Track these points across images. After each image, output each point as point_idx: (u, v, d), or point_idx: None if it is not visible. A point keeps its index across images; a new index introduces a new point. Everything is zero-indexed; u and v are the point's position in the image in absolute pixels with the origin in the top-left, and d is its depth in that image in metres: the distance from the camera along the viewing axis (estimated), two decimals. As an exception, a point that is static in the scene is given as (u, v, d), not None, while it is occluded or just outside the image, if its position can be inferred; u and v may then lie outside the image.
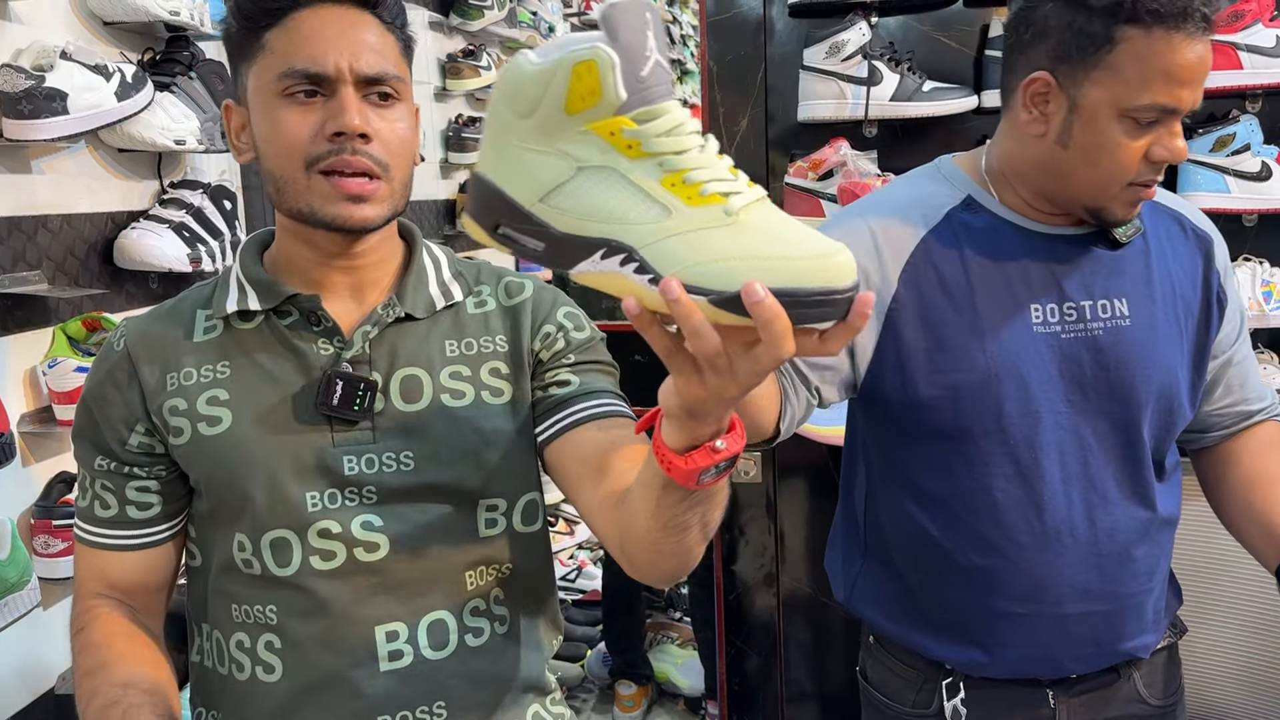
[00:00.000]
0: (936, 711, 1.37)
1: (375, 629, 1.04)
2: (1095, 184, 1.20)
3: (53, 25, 1.83)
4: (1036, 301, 1.25)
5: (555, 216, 0.73)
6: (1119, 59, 1.14)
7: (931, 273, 1.27)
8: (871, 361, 1.29)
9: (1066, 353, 1.25)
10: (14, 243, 1.71)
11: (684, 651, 3.29)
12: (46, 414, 1.76)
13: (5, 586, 1.53)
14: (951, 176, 1.33)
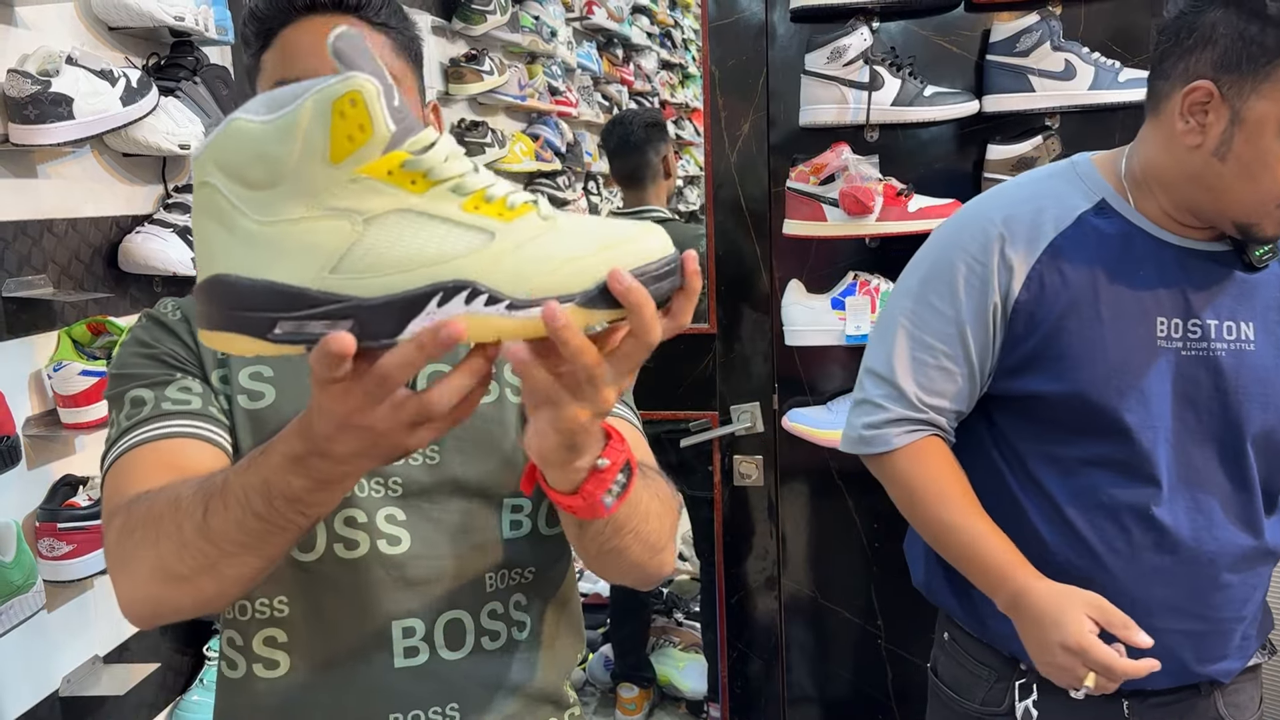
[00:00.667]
0: (1007, 711, 1.36)
1: (392, 624, 1.03)
2: (1252, 200, 1.17)
3: (58, 31, 1.84)
4: (1163, 314, 1.23)
5: (358, 283, 0.63)
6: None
7: (1057, 277, 1.25)
8: (994, 364, 1.29)
9: (1185, 370, 1.23)
10: (20, 247, 1.72)
11: (686, 655, 3.29)
12: (51, 417, 1.77)
13: (10, 589, 1.54)
14: (1087, 178, 1.30)
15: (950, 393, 1.32)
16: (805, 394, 2.27)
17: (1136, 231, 1.26)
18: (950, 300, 1.30)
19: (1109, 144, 1.39)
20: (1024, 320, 1.26)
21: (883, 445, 1.34)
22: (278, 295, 0.63)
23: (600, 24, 5.02)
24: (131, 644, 1.98)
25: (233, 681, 1.07)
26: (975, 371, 1.31)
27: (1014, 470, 1.33)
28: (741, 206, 2.27)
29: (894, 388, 1.34)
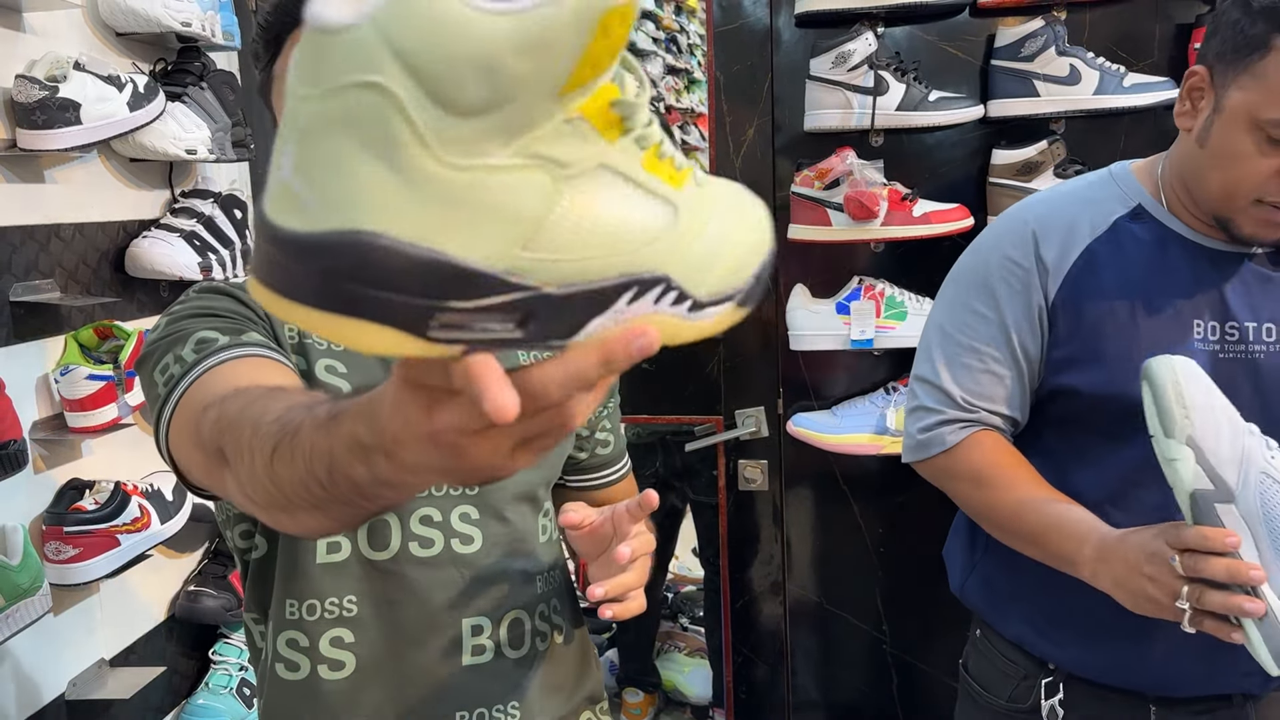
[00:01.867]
0: (1033, 708, 1.35)
1: (463, 622, 1.05)
2: (1222, 191, 1.18)
3: (66, 36, 1.85)
4: (1199, 318, 1.23)
5: (549, 267, 0.44)
6: (1268, 67, 1.11)
7: (1094, 282, 1.25)
8: (1042, 366, 1.29)
9: (1223, 372, 1.20)
10: (27, 251, 1.73)
11: (691, 660, 3.29)
12: (58, 421, 1.77)
13: (17, 592, 1.54)
14: (1124, 183, 1.31)
15: (1000, 396, 1.31)
16: (810, 399, 2.27)
17: (1172, 236, 1.26)
18: (992, 304, 1.31)
19: (1114, 149, 1.39)
20: (1062, 323, 1.27)
21: (939, 446, 1.34)
22: (451, 276, 0.41)
23: None
24: (138, 647, 1.98)
25: (291, 684, 1.05)
26: (1025, 373, 1.31)
27: (1048, 472, 1.31)
28: (746, 211, 2.26)
29: (943, 393, 1.34)
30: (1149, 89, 1.97)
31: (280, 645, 1.05)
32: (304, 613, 1.04)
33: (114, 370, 1.77)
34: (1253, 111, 1.13)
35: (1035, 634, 1.35)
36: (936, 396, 1.35)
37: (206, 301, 0.98)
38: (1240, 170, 1.15)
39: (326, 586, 1.03)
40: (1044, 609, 1.33)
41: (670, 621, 3.47)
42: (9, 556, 1.55)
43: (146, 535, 1.81)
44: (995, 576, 1.39)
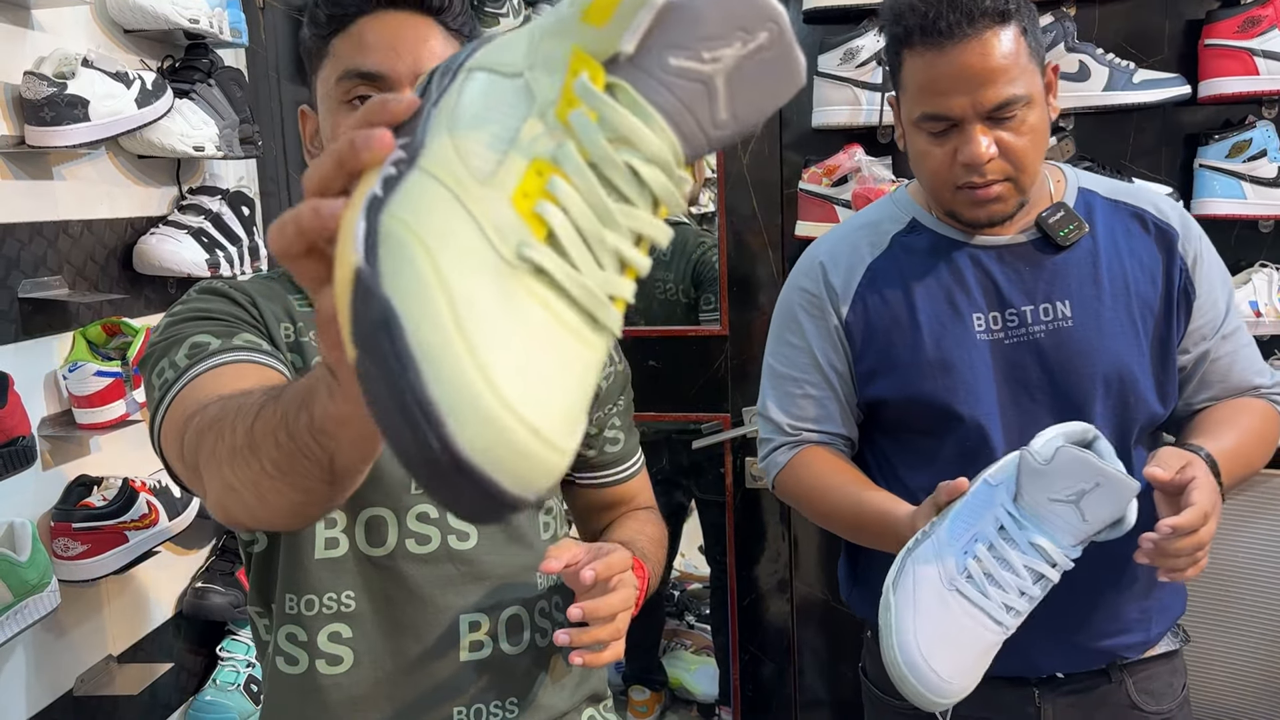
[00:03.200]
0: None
1: (460, 618, 1.05)
2: (931, 189, 1.31)
3: (74, 33, 1.85)
4: (978, 311, 1.31)
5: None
6: (905, 78, 1.26)
7: (876, 297, 1.35)
8: (854, 382, 1.39)
9: (1011, 358, 1.30)
10: (35, 248, 1.73)
11: (698, 658, 3.29)
12: (66, 417, 1.77)
13: (25, 588, 1.54)
14: (899, 202, 1.41)
15: (820, 415, 1.41)
16: (818, 396, 2.26)
17: (944, 241, 1.35)
18: (799, 333, 1.41)
19: (1123, 146, 1.39)
20: (858, 340, 1.36)
21: (775, 469, 1.44)
22: None
23: None
24: (145, 644, 1.99)
25: (291, 678, 1.06)
26: (839, 390, 1.39)
27: (886, 478, 1.39)
28: (753, 208, 2.26)
29: (772, 423, 1.44)
30: (1159, 85, 1.96)
31: (281, 639, 1.06)
32: (303, 607, 1.04)
33: (122, 367, 1.77)
34: (909, 116, 1.27)
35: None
36: (768, 427, 1.45)
37: (203, 303, 1.00)
38: (929, 167, 1.27)
39: (325, 582, 1.03)
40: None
41: (676, 619, 3.47)
42: (17, 553, 1.55)
43: (154, 532, 1.82)
44: (873, 579, 1.42)
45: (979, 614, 1.10)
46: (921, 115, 1.24)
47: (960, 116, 1.21)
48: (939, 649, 1.09)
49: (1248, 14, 1.92)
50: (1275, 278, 1.96)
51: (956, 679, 1.10)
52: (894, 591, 1.13)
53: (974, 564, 1.09)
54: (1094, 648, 1.33)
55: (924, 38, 1.20)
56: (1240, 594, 1.97)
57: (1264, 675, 1.97)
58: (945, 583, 1.11)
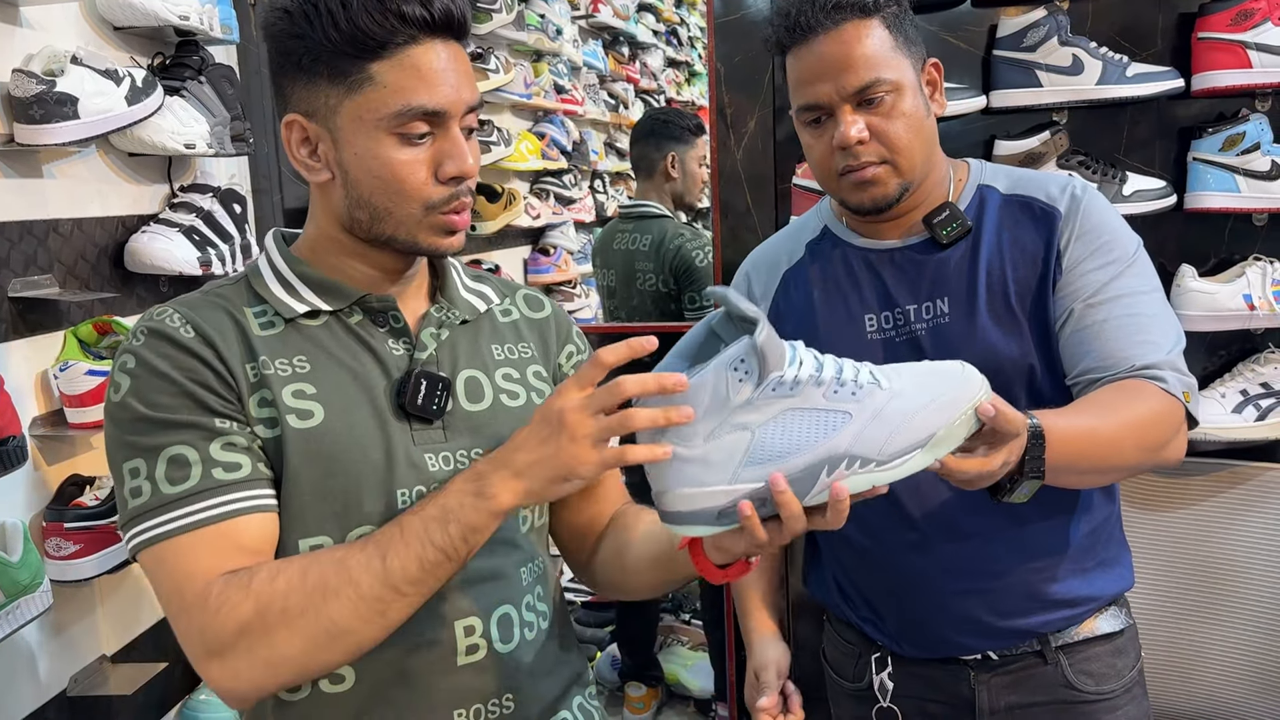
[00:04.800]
0: (868, 684, 1.46)
1: (455, 623, 1.05)
2: (820, 181, 1.37)
3: (63, 30, 1.84)
4: (870, 312, 1.38)
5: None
6: (790, 82, 1.34)
7: (788, 304, 1.44)
8: None
9: (897, 355, 1.34)
10: (25, 247, 1.72)
11: (694, 654, 3.29)
12: (58, 417, 1.77)
13: (17, 589, 1.54)
14: (821, 211, 1.48)
15: None
16: (812, 392, 2.26)
17: (849, 248, 1.42)
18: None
19: (1117, 140, 1.39)
20: None
21: None
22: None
23: (606, 22, 5.02)
24: (139, 643, 1.98)
25: (291, 704, 1.05)
26: None
27: None
28: (747, 204, 2.26)
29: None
30: (1152, 79, 1.96)
31: None
32: None
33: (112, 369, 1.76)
34: (795, 117, 1.34)
35: (853, 612, 1.47)
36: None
37: (164, 366, 0.98)
38: (814, 159, 1.35)
39: None
40: (846, 590, 1.47)
41: (672, 616, 3.47)
42: (9, 553, 1.55)
43: (147, 531, 1.81)
44: (825, 569, 1.52)
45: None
46: (798, 109, 1.33)
47: (828, 103, 1.29)
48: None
49: (1241, 7, 1.92)
50: (1269, 271, 1.96)
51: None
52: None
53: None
54: (1015, 626, 1.36)
55: (792, 35, 1.31)
56: (1234, 588, 1.97)
57: (1258, 668, 1.98)
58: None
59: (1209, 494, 1.49)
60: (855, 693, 1.49)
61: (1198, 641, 1.99)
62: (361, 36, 0.97)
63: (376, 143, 0.99)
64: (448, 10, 1.00)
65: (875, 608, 1.44)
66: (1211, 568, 1.97)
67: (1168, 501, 1.98)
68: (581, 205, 4.35)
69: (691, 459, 0.90)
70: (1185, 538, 1.96)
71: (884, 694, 1.44)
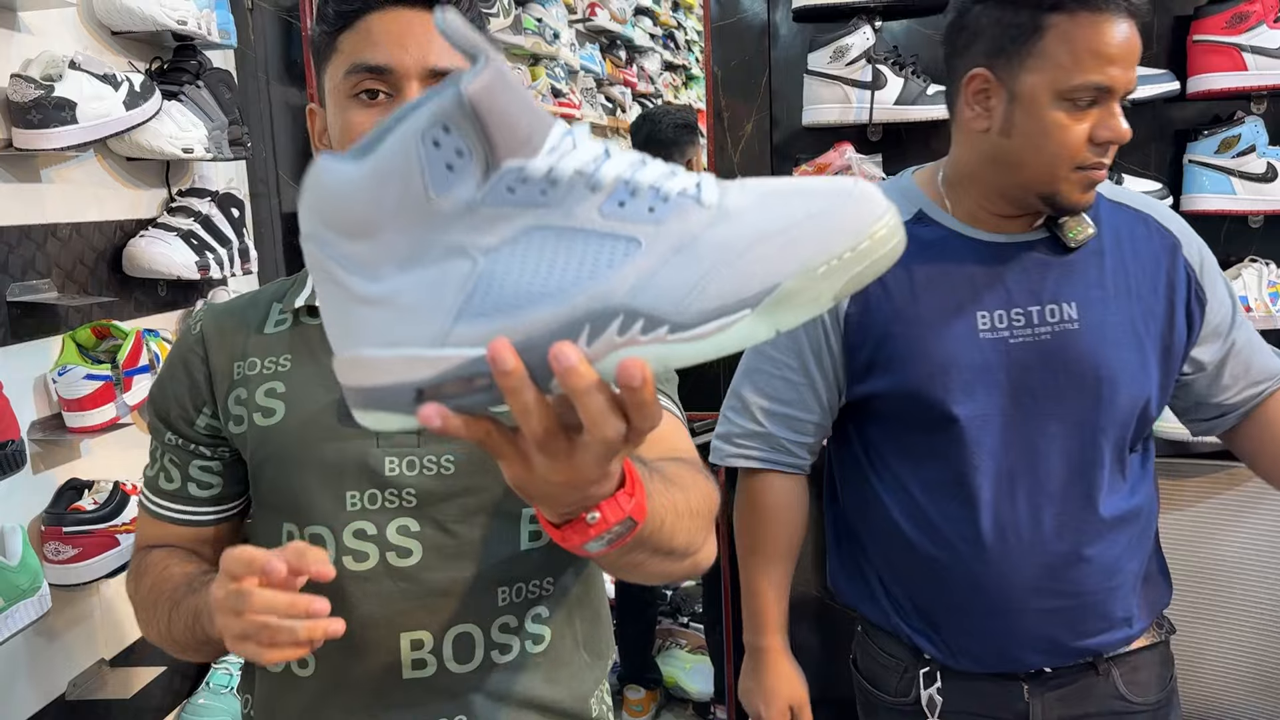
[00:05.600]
0: (915, 699, 1.40)
1: (401, 636, 1.03)
2: (1043, 168, 1.23)
3: (61, 35, 1.84)
4: (983, 309, 1.29)
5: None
6: (1049, 45, 1.20)
7: (879, 288, 1.31)
8: (843, 374, 1.37)
9: (1015, 357, 1.28)
10: (24, 251, 1.72)
11: (693, 656, 3.29)
12: (56, 421, 1.77)
13: (16, 593, 1.54)
14: (906, 192, 1.37)
15: (793, 400, 1.40)
16: (810, 394, 2.27)
17: (952, 235, 1.32)
18: None
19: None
20: (855, 331, 1.34)
21: (718, 459, 1.47)
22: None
23: (603, 26, 5.02)
24: (138, 647, 1.98)
25: (273, 675, 1.09)
26: (816, 382, 1.38)
27: (876, 470, 1.40)
28: (745, 207, 2.26)
29: (739, 399, 1.45)
30: (1148, 81, 1.97)
31: None
32: None
33: (112, 370, 1.76)
34: (1053, 86, 1.20)
35: (903, 623, 1.40)
36: (733, 403, 1.46)
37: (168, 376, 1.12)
38: (1057, 141, 1.21)
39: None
40: (898, 600, 1.40)
41: (670, 619, 3.47)
42: (8, 557, 1.55)
43: (146, 535, 1.81)
44: (858, 573, 1.47)
45: None
46: (1076, 85, 1.19)
47: (1111, 88, 1.19)
48: None
49: (1235, 9, 1.93)
50: (1265, 273, 1.97)
51: None
52: None
53: None
54: (1079, 645, 1.33)
55: (1092, 5, 1.18)
56: (1232, 589, 1.97)
57: (1254, 669, 1.98)
58: None
59: (1206, 495, 1.49)
60: (898, 707, 1.43)
61: (1195, 642, 1.99)
62: (332, 14, 1.02)
63: (342, 109, 1.02)
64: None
65: (932, 619, 1.37)
66: (1208, 569, 1.97)
67: (1166, 503, 1.99)
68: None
69: (377, 299, 0.55)
70: (1182, 539, 1.97)
71: (932, 709, 1.38)
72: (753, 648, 1.48)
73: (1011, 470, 1.29)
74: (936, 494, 1.32)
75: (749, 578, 1.48)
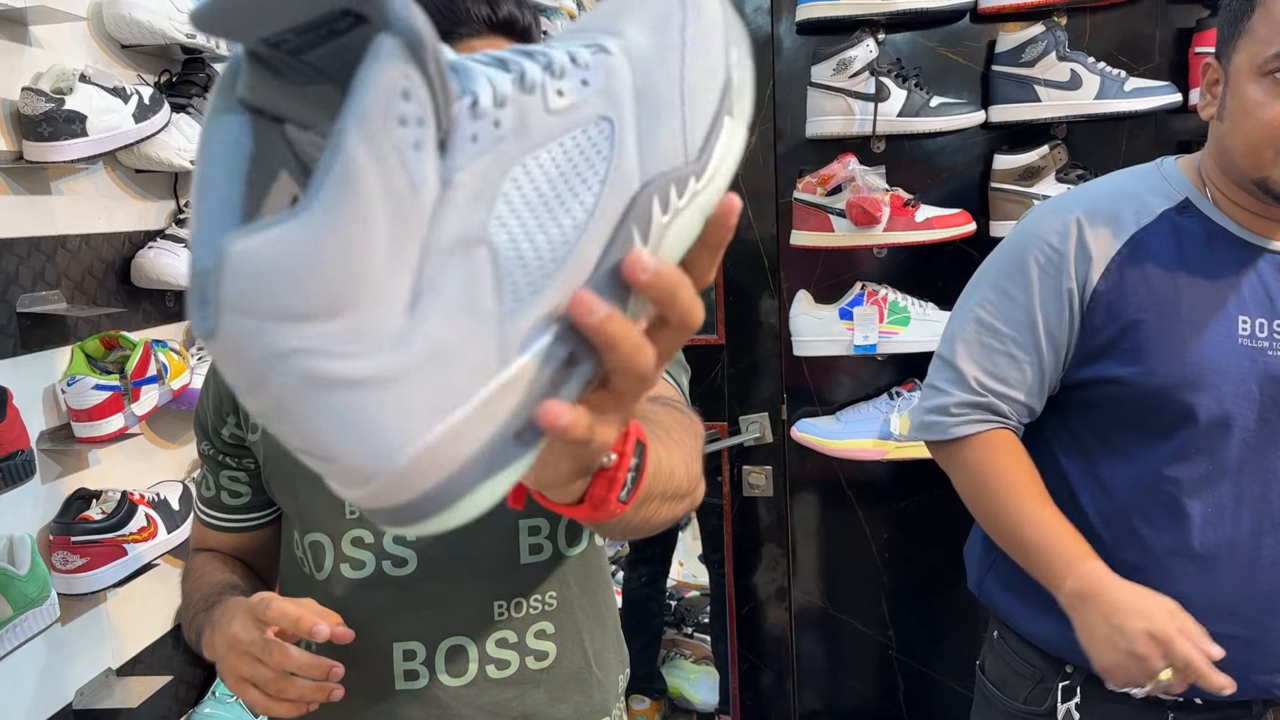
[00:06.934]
0: (1048, 711, 1.34)
1: (394, 645, 1.03)
2: (1247, 150, 1.18)
3: (71, 49, 1.86)
4: (1245, 313, 1.22)
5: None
6: (1255, 23, 1.16)
7: (1137, 272, 1.25)
8: (1071, 354, 1.29)
9: (1270, 370, 1.22)
10: (33, 262, 1.74)
11: (697, 667, 3.29)
12: (65, 431, 1.78)
13: (25, 602, 1.55)
14: (1170, 177, 1.30)
15: (1016, 380, 1.31)
16: (814, 404, 2.27)
17: (1220, 231, 1.25)
18: (1023, 287, 1.30)
19: (1115, 154, 1.40)
20: (1102, 311, 1.26)
21: (939, 433, 1.34)
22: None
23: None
24: (144, 657, 1.99)
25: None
26: (1045, 362, 1.30)
27: (1075, 465, 1.31)
28: (749, 218, 2.27)
29: (955, 371, 1.34)
30: (1150, 93, 1.98)
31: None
32: None
33: (120, 380, 1.77)
34: (1252, 63, 1.16)
35: (1055, 633, 1.30)
36: (948, 375, 1.35)
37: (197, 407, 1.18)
38: (1257, 122, 1.16)
39: (306, 593, 1.06)
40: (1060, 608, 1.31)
41: (675, 629, 3.47)
42: (16, 566, 1.56)
43: (153, 544, 1.82)
44: (1013, 573, 1.36)
45: None
46: (1272, 54, 1.14)
47: None
48: None
49: (1237, 22, 1.93)
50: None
51: None
52: None
53: None
54: (1251, 681, 1.23)
55: None
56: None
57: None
58: None
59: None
60: (1025, 715, 1.38)
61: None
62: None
63: None
64: (511, 14, 1.00)
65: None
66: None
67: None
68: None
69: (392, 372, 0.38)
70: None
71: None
72: (1082, 586, 1.20)
73: (1240, 487, 1.22)
74: (1145, 497, 1.25)
75: (1028, 516, 1.26)
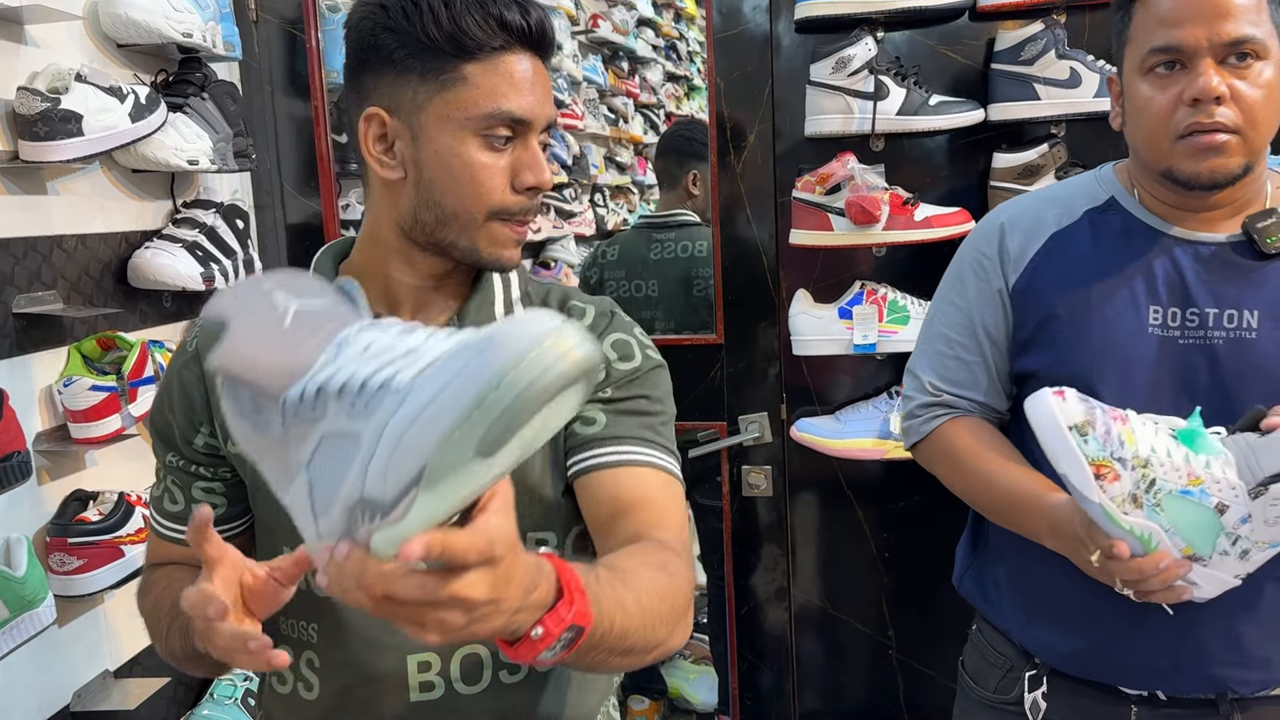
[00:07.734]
0: (1016, 700, 1.37)
1: (408, 658, 1.03)
2: (1147, 144, 1.23)
3: (67, 48, 1.85)
4: (1158, 303, 1.25)
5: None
6: (1134, 29, 1.22)
7: (1053, 268, 1.30)
8: (1005, 349, 1.35)
9: (1181, 358, 1.23)
10: (29, 263, 1.73)
11: (697, 667, 3.28)
12: (62, 432, 1.77)
13: (22, 604, 1.54)
14: (1102, 179, 1.35)
15: (967, 381, 1.38)
16: (813, 404, 2.27)
17: (1138, 225, 1.29)
18: (963, 294, 1.38)
19: (1115, 152, 1.39)
20: (1021, 306, 1.33)
21: (914, 435, 1.42)
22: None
23: (605, 37, 5.03)
24: (142, 658, 1.98)
25: (281, 696, 1.09)
26: (990, 362, 1.36)
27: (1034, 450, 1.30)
28: (748, 217, 2.27)
29: (916, 379, 1.42)
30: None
31: None
32: (285, 630, 1.07)
33: (117, 381, 1.77)
34: (1136, 64, 1.21)
35: (1020, 625, 1.37)
36: (912, 383, 1.43)
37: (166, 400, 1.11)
38: (1149, 116, 1.21)
39: (295, 610, 1.03)
40: (1030, 600, 1.36)
41: (675, 629, 3.46)
42: (13, 568, 1.55)
43: (150, 546, 1.81)
44: (989, 568, 1.43)
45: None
46: (1151, 50, 1.18)
47: (1193, 48, 1.16)
48: None
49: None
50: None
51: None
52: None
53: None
54: (1205, 674, 1.25)
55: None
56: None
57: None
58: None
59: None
60: (995, 704, 1.40)
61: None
62: (461, 36, 0.97)
63: (460, 142, 0.98)
64: (542, 26, 1.00)
65: (1057, 617, 1.32)
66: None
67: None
68: (582, 219, 4.36)
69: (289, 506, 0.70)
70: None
71: (1035, 713, 1.34)
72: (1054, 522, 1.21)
73: None
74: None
75: (991, 482, 1.30)
